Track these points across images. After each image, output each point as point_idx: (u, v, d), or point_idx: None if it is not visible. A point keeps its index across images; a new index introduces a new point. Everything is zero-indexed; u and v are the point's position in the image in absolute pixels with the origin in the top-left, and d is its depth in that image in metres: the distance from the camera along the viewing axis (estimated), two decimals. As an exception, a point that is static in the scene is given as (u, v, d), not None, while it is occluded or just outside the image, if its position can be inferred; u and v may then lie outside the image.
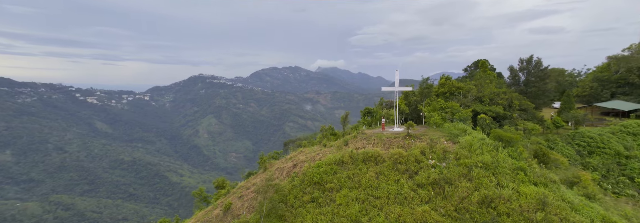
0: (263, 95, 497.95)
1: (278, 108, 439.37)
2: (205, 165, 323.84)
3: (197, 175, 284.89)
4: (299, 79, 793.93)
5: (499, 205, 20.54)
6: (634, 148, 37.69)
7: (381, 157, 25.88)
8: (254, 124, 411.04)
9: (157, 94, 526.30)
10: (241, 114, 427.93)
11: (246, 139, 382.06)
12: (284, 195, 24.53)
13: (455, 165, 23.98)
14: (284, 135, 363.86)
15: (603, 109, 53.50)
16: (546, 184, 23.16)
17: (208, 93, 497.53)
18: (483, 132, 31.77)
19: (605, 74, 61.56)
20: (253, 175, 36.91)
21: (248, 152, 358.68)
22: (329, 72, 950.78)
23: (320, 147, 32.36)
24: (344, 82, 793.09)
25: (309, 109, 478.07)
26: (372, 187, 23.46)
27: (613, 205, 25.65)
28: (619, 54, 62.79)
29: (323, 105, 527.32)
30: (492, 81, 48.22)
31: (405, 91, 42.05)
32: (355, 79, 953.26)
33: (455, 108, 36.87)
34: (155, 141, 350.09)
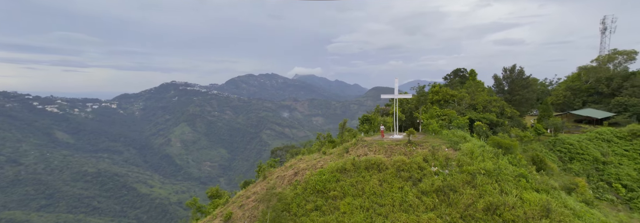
0: (239, 102, 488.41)
1: (255, 115, 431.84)
2: (177, 175, 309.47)
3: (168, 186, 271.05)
4: (276, 86, 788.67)
5: (504, 212, 20.45)
6: (609, 154, 39.15)
7: (384, 164, 25.62)
8: (230, 132, 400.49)
9: (126, 101, 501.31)
10: (216, 122, 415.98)
11: (221, 147, 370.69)
12: (287, 204, 23.94)
13: (458, 172, 23.94)
14: (261, 142, 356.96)
15: (576, 116, 56.10)
16: (547, 191, 23.23)
17: (181, 100, 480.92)
18: (480, 139, 31.74)
19: (576, 83, 64.91)
20: (252, 183, 35.75)
21: (223, 160, 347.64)
22: (307, 79, 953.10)
23: (319, 155, 31.98)
24: (322, 90, 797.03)
25: (287, 116, 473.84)
26: (376, 194, 23.16)
27: (608, 211, 25.94)
28: (588, 65, 66.59)
29: (300, 112, 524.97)
30: (484, 89, 49.20)
31: (400, 98, 42.32)
32: (332, 86, 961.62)
33: (452, 115, 37.12)
34: (123, 151, 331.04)
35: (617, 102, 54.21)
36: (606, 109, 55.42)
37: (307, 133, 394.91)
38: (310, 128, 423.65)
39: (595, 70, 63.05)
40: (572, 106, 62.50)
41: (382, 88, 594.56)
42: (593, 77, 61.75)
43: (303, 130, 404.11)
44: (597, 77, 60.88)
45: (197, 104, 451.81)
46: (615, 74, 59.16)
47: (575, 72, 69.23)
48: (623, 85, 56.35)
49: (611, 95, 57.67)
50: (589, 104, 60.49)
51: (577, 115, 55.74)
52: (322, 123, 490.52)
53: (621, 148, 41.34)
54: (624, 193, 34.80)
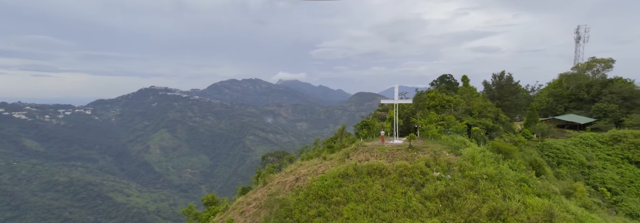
0: (222, 108, 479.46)
1: (238, 121, 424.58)
2: (156, 182, 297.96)
3: (146, 194, 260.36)
4: (259, 91, 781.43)
5: (508, 217, 20.48)
6: (594, 158, 40.13)
7: (386, 169, 25.54)
8: (212, 138, 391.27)
9: (101, 107, 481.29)
10: (198, 128, 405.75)
11: (203, 154, 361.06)
12: (289, 210, 23.65)
13: (460, 177, 23.93)
14: (244, 148, 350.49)
15: (559, 121, 57.79)
16: (549, 196, 23.34)
17: (161, 106, 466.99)
18: (478, 144, 31.77)
19: (558, 89, 67.06)
20: (251, 190, 34.74)
21: (205, 167, 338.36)
22: (291, 84, 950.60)
23: (319, 160, 31.77)
24: (306, 95, 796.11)
25: (270, 122, 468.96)
26: (380, 200, 22.99)
27: (606, 215, 26.19)
28: (569, 72, 69.12)
29: (284, 117, 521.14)
30: (478, 95, 49.66)
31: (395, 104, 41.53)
32: (317, 91, 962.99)
33: (451, 120, 37.25)
34: (98, 159, 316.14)
35: (597, 108, 56.23)
36: (587, 115, 57.40)
37: (291, 139, 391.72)
38: (294, 134, 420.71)
39: (575, 77, 65.47)
40: (555, 112, 64.42)
41: (366, 93, 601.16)
42: (574, 84, 64.04)
43: (287, 136, 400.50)
44: (578, 84, 63.15)
45: (177, 110, 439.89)
46: (595, 81, 61.59)
47: (557, 79, 71.69)
48: (602, 91, 58.64)
49: (591, 101, 59.85)
50: (571, 110, 62.57)
51: (560, 121, 57.49)
52: (306, 129, 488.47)
53: (604, 152, 42.57)
54: (609, 196, 35.54)
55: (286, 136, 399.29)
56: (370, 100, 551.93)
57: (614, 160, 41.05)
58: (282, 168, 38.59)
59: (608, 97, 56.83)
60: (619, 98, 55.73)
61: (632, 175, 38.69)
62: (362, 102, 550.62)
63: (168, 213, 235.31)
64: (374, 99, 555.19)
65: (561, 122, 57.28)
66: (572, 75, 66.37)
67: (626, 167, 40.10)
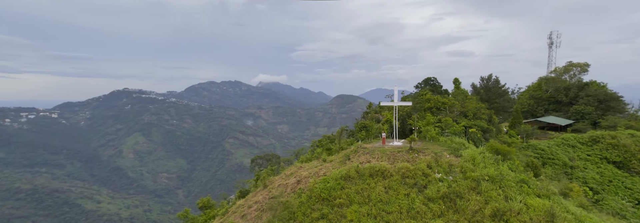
0: (200, 110, 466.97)
1: (217, 124, 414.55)
2: (129, 188, 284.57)
3: (119, 201, 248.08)
4: (239, 93, 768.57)
5: (511, 218, 20.60)
6: (575, 159, 41.11)
7: (388, 171, 25.46)
8: (190, 141, 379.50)
9: (69, 110, 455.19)
10: (175, 131, 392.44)
11: (180, 158, 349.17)
12: (292, 212, 23.46)
13: (462, 179, 24.08)
14: (224, 152, 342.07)
15: (540, 123, 59.35)
16: (548, 196, 23.61)
17: (135, 109, 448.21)
18: (475, 146, 31.72)
19: (538, 92, 69.26)
20: (251, 193, 34.14)
21: (182, 171, 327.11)
22: (271, 86, 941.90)
23: (319, 162, 31.62)
24: (286, 97, 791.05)
25: (251, 124, 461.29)
26: (383, 201, 22.92)
27: (600, 215, 26.54)
28: (548, 75, 71.68)
29: (265, 120, 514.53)
30: (472, 97, 50.20)
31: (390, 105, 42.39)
32: (297, 94, 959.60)
33: (448, 122, 37.34)
34: (66, 164, 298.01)
35: (575, 110, 58.34)
36: (565, 117, 59.44)
37: (272, 141, 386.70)
38: (275, 136, 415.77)
39: (554, 80, 67.87)
40: (535, 114, 66.39)
41: (347, 96, 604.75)
42: (552, 87, 66.31)
43: (268, 138, 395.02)
44: (556, 87, 65.41)
45: (153, 112, 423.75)
46: (572, 85, 64.01)
47: (536, 82, 74.13)
48: (579, 94, 60.97)
49: (569, 103, 62.12)
50: (550, 112, 64.63)
51: (541, 122, 59.11)
52: (287, 131, 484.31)
53: (584, 153, 43.81)
54: (591, 195, 36.27)
55: (267, 139, 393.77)
56: (351, 102, 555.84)
57: (593, 160, 42.34)
58: (280, 171, 38.20)
59: (585, 99, 59.18)
60: (594, 100, 58.15)
61: (610, 175, 39.94)
62: (343, 105, 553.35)
63: (142, 219, 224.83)
64: (354, 101, 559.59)
65: (542, 124, 59.01)
66: (550, 79, 68.86)
67: (605, 166, 41.42)
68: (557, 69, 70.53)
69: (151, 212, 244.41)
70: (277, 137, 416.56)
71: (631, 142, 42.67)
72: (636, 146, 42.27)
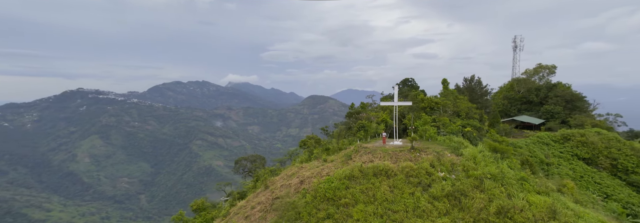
0: (165, 111, 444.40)
1: (183, 125, 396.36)
2: (84, 195, 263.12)
3: (72, 208, 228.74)
4: (207, 94, 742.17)
5: (515, 215, 20.90)
6: (550, 156, 42.33)
7: (392, 170, 25.46)
8: (154, 144, 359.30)
9: (13, 112, 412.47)
10: (137, 133, 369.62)
11: (143, 161, 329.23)
12: (298, 213, 23.29)
13: (465, 177, 24.32)
14: (191, 154, 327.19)
15: (515, 122, 61.27)
16: (548, 193, 24.14)
17: (91, 110, 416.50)
18: (472, 145, 31.56)
19: (511, 93, 72.06)
20: (251, 193, 33.30)
21: (145, 175, 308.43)
22: (241, 87, 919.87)
23: (320, 162, 31.31)
24: (257, 98, 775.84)
25: (220, 126, 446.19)
26: (388, 201, 22.92)
27: (594, 210, 27.02)
28: (520, 77, 74.83)
29: (235, 121, 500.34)
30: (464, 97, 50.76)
31: (386, 106, 43.76)
32: (269, 94, 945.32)
33: (445, 122, 37.73)
34: (8, 171, 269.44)
35: (546, 109, 61.15)
36: (537, 116, 62.12)
37: (242, 143, 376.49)
38: (245, 138, 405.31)
39: (525, 81, 71.03)
40: (509, 113, 68.93)
41: (318, 96, 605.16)
42: (524, 88, 69.31)
43: (238, 140, 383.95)
44: (528, 88, 68.46)
45: (112, 114, 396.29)
46: (542, 86, 67.28)
47: (509, 83, 77.17)
48: (548, 95, 64.10)
49: (540, 103, 65.10)
50: (523, 111, 67.32)
51: (516, 121, 61.12)
52: (258, 132, 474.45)
53: (557, 150, 45.48)
54: (566, 191, 37.26)
55: (237, 140, 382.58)
56: (323, 103, 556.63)
57: (566, 157, 44.00)
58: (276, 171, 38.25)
59: (553, 99, 62.33)
60: (562, 101, 61.45)
61: (581, 171, 41.59)
62: (315, 105, 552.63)
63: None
64: (326, 102, 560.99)
65: (517, 123, 61.04)
66: (522, 80, 72.06)
67: (576, 163, 43.15)
68: (528, 71, 74.07)
69: (110, 219, 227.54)
70: (247, 138, 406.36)
71: (598, 139, 44.89)
72: (602, 143, 44.50)
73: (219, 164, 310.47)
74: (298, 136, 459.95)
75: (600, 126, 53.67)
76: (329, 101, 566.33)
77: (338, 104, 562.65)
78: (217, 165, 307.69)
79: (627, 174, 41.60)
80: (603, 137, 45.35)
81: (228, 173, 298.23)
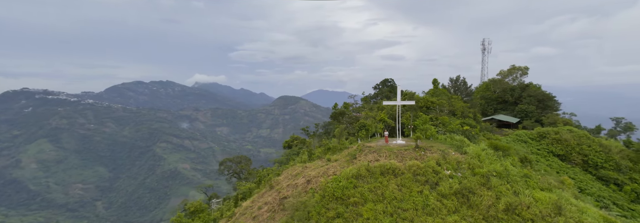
0: (125, 113, 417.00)
1: (146, 127, 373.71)
2: (31, 203, 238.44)
3: (15, 218, 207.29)
4: (172, 94, 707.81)
5: (522, 212, 21.14)
6: (528, 153, 43.21)
7: (399, 169, 25.46)
8: (112, 147, 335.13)
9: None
10: (92, 136, 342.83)
11: (99, 166, 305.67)
12: (308, 212, 23.18)
13: (471, 175, 24.45)
14: (154, 157, 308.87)
15: (493, 120, 62.77)
16: (550, 190, 24.49)
17: (38, 112, 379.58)
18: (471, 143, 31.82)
19: (487, 93, 74.22)
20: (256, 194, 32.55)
21: (102, 181, 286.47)
22: (209, 87, 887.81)
23: (324, 162, 31.08)
24: (226, 98, 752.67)
25: (186, 127, 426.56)
26: (397, 199, 22.91)
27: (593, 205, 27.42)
28: (495, 78, 77.39)
29: (203, 122, 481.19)
30: (459, 97, 52.44)
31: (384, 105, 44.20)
32: (238, 95, 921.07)
33: (446, 121, 38.16)
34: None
35: (520, 109, 63.49)
36: (512, 115, 64.29)
37: (211, 145, 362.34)
38: (214, 139, 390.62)
39: (500, 82, 73.65)
40: (486, 112, 70.95)
41: (289, 97, 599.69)
42: (499, 88, 71.72)
43: (206, 142, 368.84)
44: (503, 88, 70.86)
45: (63, 116, 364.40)
46: (516, 86, 69.96)
47: (484, 83, 79.68)
48: (522, 95, 66.63)
49: (515, 103, 67.58)
50: (499, 111, 69.46)
51: (494, 120, 62.72)
52: (227, 134, 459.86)
53: (534, 148, 46.81)
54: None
55: (205, 142, 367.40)
56: (294, 103, 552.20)
57: (542, 154, 45.33)
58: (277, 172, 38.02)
59: (527, 99, 64.96)
60: (535, 100, 64.27)
61: (557, 167, 42.99)
62: (286, 106, 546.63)
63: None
64: (297, 102, 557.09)
65: (494, 121, 62.57)
66: (497, 81, 74.73)
67: (552, 159, 44.59)
68: (502, 72, 76.95)
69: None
70: (216, 140, 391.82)
71: (570, 137, 46.76)
72: (574, 140, 46.40)
73: (185, 167, 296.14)
74: (269, 137, 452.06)
75: (570, 124, 56.36)
76: (300, 102, 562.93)
77: (309, 104, 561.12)
78: (183, 168, 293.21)
79: (597, 169, 43.46)
80: (575, 135, 47.34)
81: (195, 176, 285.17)
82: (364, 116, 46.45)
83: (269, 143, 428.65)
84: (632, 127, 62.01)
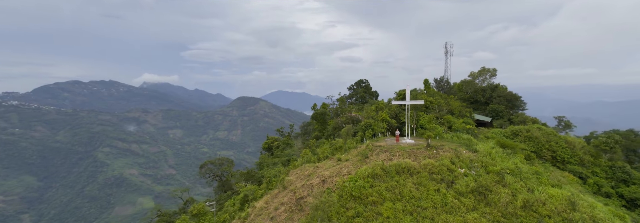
0: (59, 115, 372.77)
1: (85, 131, 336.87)
2: None
3: None
4: (117, 95, 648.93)
5: (539, 208, 21.45)
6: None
7: (414, 168, 25.55)
8: (43, 154, 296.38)
9: None
10: (17, 142, 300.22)
11: (26, 175, 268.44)
12: (327, 212, 22.56)
13: (485, 173, 24.73)
14: (95, 163, 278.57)
15: None
16: (560, 186, 24.80)
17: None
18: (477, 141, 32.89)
19: (460, 94, 75.85)
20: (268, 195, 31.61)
21: (30, 191, 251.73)
22: (159, 88, 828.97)
23: (334, 162, 30.69)
24: (179, 99, 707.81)
25: (134, 130, 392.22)
26: (415, 198, 22.94)
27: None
28: (467, 79, 79.43)
29: (153, 124, 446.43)
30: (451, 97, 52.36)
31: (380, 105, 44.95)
32: (192, 95, 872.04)
33: (450, 120, 38.56)
34: None
35: (491, 108, 65.41)
36: (484, 115, 65.96)
37: (162, 148, 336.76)
38: (166, 143, 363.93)
39: (472, 83, 75.76)
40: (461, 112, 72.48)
41: (248, 98, 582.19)
42: (471, 89, 73.58)
43: (157, 145, 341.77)
44: (475, 89, 72.84)
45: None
46: (486, 87, 72.32)
47: (456, 84, 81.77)
48: (492, 95, 68.86)
49: (486, 103, 69.62)
50: (473, 111, 71.27)
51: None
52: (181, 136, 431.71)
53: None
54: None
55: (155, 145, 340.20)
56: (253, 104, 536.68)
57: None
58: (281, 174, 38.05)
59: (497, 99, 67.43)
60: (504, 100, 66.88)
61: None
62: (245, 107, 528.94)
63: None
64: (256, 103, 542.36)
65: None
66: (469, 82, 76.89)
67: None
68: (473, 73, 79.62)
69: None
70: (168, 143, 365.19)
71: (540, 134, 48.46)
72: (544, 138, 48.10)
73: (132, 173, 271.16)
74: (227, 139, 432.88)
75: (537, 122, 59.03)
76: (259, 102, 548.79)
77: (269, 105, 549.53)
78: (130, 174, 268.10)
79: (564, 164, 45.25)
80: (544, 132, 49.20)
81: (144, 182, 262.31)
82: (365, 116, 46.99)
83: (227, 145, 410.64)
84: (571, 125, 67.13)
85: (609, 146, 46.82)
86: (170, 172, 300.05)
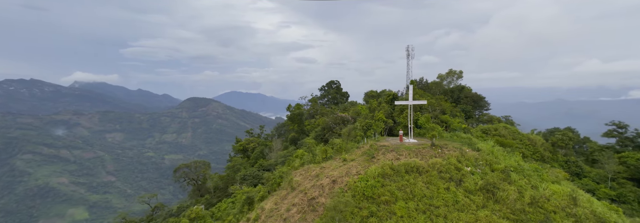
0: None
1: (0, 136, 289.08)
2: None
3: None
4: (41, 96, 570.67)
5: (544, 204, 22.00)
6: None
7: (423, 167, 25.60)
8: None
9: None
10: None
11: None
12: (341, 212, 22.34)
13: (490, 171, 25.07)
14: (14, 173, 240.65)
15: None
16: (559, 182, 25.66)
17: None
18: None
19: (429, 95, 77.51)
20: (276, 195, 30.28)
21: None
22: (95, 87, 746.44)
23: (339, 162, 30.52)
24: (119, 100, 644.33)
25: (62, 134, 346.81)
26: (427, 196, 23.01)
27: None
28: (436, 80, 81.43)
29: (87, 128, 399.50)
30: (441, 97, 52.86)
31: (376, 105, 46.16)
32: (135, 96, 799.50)
33: (448, 119, 39.38)
34: None
35: (462, 109, 67.29)
36: None
37: (98, 154, 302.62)
38: (103, 147, 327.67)
39: (440, 84, 77.77)
40: None
41: (199, 99, 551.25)
42: (439, 90, 75.33)
43: (92, 150, 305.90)
44: (444, 90, 74.69)
45: None
46: (454, 88, 74.65)
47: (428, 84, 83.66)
48: (460, 96, 71.13)
49: (455, 103, 71.71)
50: None
51: None
52: (121, 140, 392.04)
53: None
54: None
55: (90, 151, 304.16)
56: (205, 105, 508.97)
57: (489, 148, 47.52)
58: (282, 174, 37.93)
59: (465, 100, 69.69)
60: (471, 101, 69.48)
61: (501, 160, 45.34)
62: (195, 108, 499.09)
63: None
64: (209, 104, 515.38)
65: None
66: (437, 83, 78.93)
67: (497, 153, 47.02)
68: (441, 75, 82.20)
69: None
70: (106, 148, 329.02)
71: (507, 133, 50.54)
72: (510, 136, 50.08)
73: (61, 182, 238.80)
74: (176, 142, 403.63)
75: (501, 122, 62.06)
76: (211, 103, 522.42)
77: (222, 106, 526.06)
78: (58, 183, 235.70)
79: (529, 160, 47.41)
80: (510, 131, 51.59)
81: (76, 191, 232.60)
82: (353, 115, 46.22)
83: (176, 149, 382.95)
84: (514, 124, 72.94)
85: (565, 143, 50.18)
86: (109, 179, 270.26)
